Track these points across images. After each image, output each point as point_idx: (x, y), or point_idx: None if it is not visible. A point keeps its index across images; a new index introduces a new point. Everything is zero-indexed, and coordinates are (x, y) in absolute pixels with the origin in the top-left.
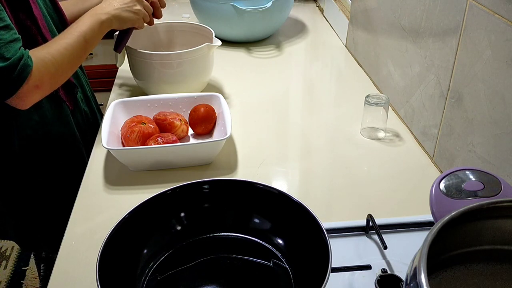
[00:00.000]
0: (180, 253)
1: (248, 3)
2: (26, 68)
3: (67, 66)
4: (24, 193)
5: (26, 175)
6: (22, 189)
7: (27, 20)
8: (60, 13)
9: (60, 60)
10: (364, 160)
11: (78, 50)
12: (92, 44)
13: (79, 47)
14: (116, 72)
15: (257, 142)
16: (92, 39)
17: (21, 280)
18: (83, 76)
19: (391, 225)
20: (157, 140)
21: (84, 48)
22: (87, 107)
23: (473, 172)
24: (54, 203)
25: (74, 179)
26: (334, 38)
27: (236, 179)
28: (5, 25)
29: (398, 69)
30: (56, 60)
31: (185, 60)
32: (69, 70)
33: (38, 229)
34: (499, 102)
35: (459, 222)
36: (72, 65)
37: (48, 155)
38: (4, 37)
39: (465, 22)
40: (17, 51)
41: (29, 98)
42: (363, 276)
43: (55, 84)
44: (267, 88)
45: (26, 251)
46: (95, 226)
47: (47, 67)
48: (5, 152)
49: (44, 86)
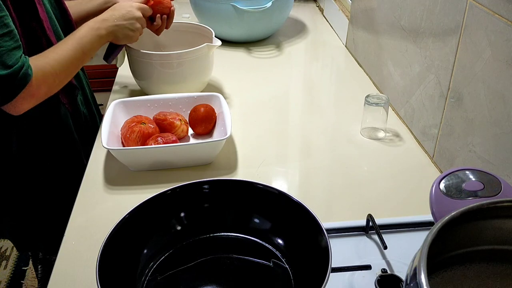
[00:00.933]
0: (180, 253)
1: (248, 3)
2: (26, 77)
3: (64, 75)
4: (21, 194)
5: (23, 176)
6: (19, 190)
7: (32, 21)
8: (66, 13)
9: (58, 69)
10: (364, 160)
11: (75, 61)
12: (89, 56)
13: (76, 58)
14: (116, 72)
15: (257, 142)
16: (90, 51)
17: (21, 280)
18: (84, 78)
19: (391, 225)
20: (157, 140)
21: (81, 59)
22: (86, 110)
23: (473, 172)
24: (50, 205)
25: (72, 181)
26: (334, 38)
27: (236, 179)
28: (8, 31)
29: (398, 69)
30: (54, 70)
31: (185, 60)
32: (65, 80)
33: (36, 230)
34: (499, 102)
35: (459, 222)
36: (68, 74)
37: (46, 156)
38: (7, 44)
39: (465, 22)
40: (19, 59)
41: (24, 105)
42: (363, 276)
43: (51, 92)
44: (267, 88)
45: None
46: (95, 226)
47: (45, 77)
48: (3, 153)
49: (39, 95)
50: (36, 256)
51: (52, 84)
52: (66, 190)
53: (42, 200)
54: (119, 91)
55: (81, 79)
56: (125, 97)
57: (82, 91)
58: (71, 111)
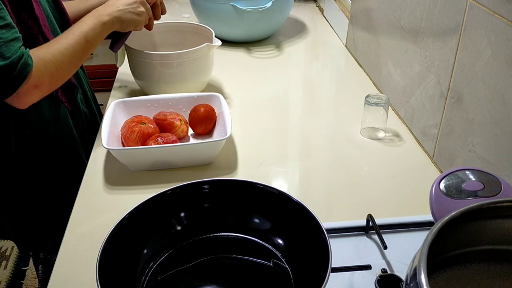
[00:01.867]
0: (180, 253)
1: (248, 3)
2: (26, 67)
3: (67, 66)
4: (21, 194)
5: (23, 175)
6: (19, 189)
7: (28, 19)
8: (63, 12)
9: (61, 60)
10: (364, 160)
11: (79, 50)
12: (94, 45)
13: (80, 48)
14: (116, 72)
15: (257, 142)
16: (94, 40)
17: (21, 280)
18: (84, 77)
19: (391, 225)
20: (157, 140)
21: (85, 48)
22: (86, 108)
23: (473, 172)
24: (51, 204)
25: (72, 180)
26: (334, 38)
27: (236, 179)
28: (5, 24)
29: (398, 69)
30: (56, 60)
31: (185, 60)
32: (69, 70)
33: (36, 230)
34: (499, 102)
35: (459, 222)
36: (72, 65)
37: (46, 155)
38: (5, 36)
39: (465, 22)
40: (17, 50)
41: (28, 97)
42: (363, 276)
43: (55, 84)
44: (267, 88)
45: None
46: (95, 226)
47: (47, 67)
48: (2, 151)
49: (43, 86)
50: (37, 256)
51: (55, 73)
52: (66, 189)
53: (43, 199)
54: (119, 91)
55: (80, 78)
56: (125, 97)
57: (82, 89)
58: (70, 109)
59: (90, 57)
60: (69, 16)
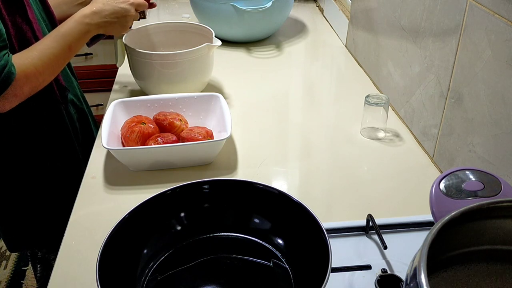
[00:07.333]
0: (180, 253)
1: (248, 3)
2: (10, 76)
3: (48, 75)
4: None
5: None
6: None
7: (23, 23)
8: (51, 14)
9: (42, 70)
10: (364, 160)
11: (61, 59)
12: (76, 52)
13: (62, 56)
14: (116, 72)
15: (257, 142)
16: (77, 48)
17: (21, 280)
18: (74, 78)
19: (391, 225)
20: (157, 140)
21: (68, 56)
22: (77, 109)
23: (473, 172)
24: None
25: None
26: (334, 38)
27: (236, 179)
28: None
29: (398, 69)
30: (38, 70)
31: (185, 60)
32: (50, 77)
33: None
34: (499, 102)
35: (459, 222)
36: (53, 72)
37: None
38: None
39: (465, 22)
40: (2, 58)
41: (6, 105)
42: (363, 276)
43: (34, 91)
44: (267, 88)
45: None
46: (95, 226)
47: (28, 78)
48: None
49: (22, 95)
50: (35, 255)
51: (35, 83)
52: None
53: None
54: (119, 91)
55: (71, 80)
56: (125, 97)
57: (73, 91)
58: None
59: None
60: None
